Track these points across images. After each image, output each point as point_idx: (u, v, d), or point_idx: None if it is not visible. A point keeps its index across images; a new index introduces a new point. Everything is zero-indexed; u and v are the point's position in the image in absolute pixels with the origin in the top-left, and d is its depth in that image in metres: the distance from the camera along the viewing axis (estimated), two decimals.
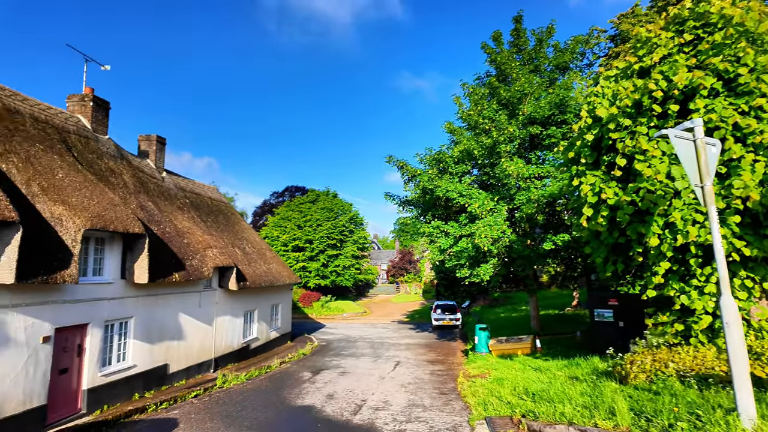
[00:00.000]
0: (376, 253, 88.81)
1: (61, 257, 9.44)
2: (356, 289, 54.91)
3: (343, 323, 32.76)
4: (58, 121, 13.20)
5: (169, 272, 13.08)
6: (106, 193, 11.80)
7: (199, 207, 19.26)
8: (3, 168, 9.71)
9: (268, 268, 20.88)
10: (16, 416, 8.72)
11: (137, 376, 12.27)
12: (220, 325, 16.62)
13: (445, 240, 16.68)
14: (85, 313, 10.62)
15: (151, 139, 18.25)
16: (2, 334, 8.49)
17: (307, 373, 15.18)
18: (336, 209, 46.22)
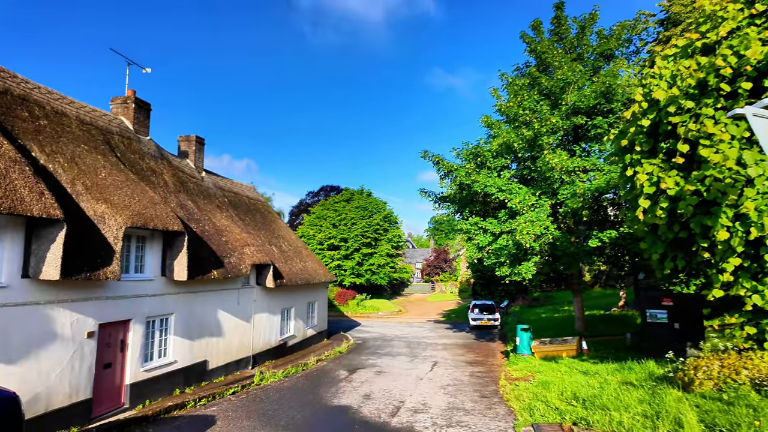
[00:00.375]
0: (410, 252, 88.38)
1: (103, 254, 9.61)
2: (391, 288, 54.72)
3: (379, 322, 32.58)
4: (102, 122, 13.56)
5: (207, 269, 13.20)
6: (146, 191, 12.00)
7: (237, 206, 19.49)
8: (50, 168, 9.98)
9: (304, 266, 20.91)
10: (62, 409, 8.93)
11: (178, 372, 12.44)
12: (258, 322, 16.72)
13: (483, 237, 16.09)
14: (127, 309, 10.81)
15: (191, 140, 18.58)
16: (49, 329, 8.71)
17: (344, 371, 15.01)
18: (370, 208, 46.15)
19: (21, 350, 8.16)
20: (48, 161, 10.06)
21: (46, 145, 10.40)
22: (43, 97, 11.67)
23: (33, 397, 8.35)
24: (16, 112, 10.42)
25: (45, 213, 8.12)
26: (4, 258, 8.00)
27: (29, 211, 7.85)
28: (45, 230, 8.47)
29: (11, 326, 8.00)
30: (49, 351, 8.70)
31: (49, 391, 8.65)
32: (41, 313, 8.57)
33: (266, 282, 16.72)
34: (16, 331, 8.09)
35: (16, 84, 10.98)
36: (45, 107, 11.48)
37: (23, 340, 8.21)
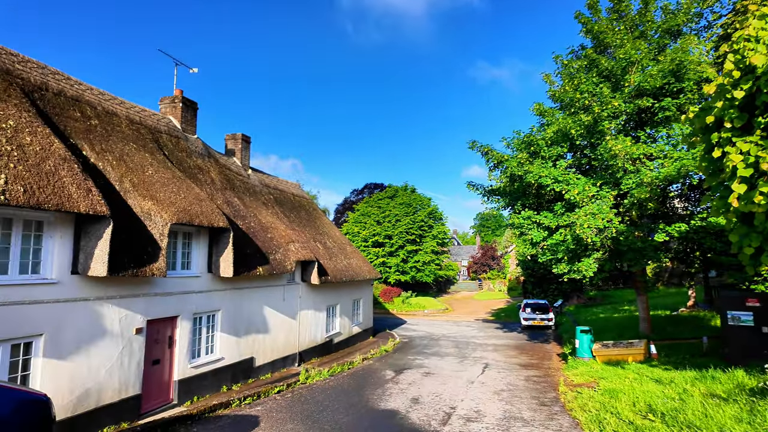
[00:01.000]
0: (456, 249, 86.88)
1: (150, 251, 9.60)
2: (437, 286, 53.80)
3: (425, 320, 31.90)
4: (151, 122, 13.76)
5: (253, 266, 13.09)
6: (192, 188, 12.01)
7: (282, 203, 19.46)
8: (99, 166, 10.11)
9: (349, 262, 20.62)
10: (113, 404, 8.98)
11: (225, 369, 12.40)
12: (304, 319, 16.56)
13: (537, 232, 15.05)
14: (174, 306, 10.82)
15: (237, 138, 18.70)
16: (98, 325, 8.76)
17: (390, 372, 14.51)
18: (414, 204, 45.43)
19: (72, 346, 8.23)
20: (97, 159, 10.19)
21: (96, 143, 10.55)
22: (95, 98, 11.91)
23: (84, 393, 8.41)
24: (69, 112, 10.64)
25: (92, 210, 8.12)
26: (54, 254, 8.08)
27: (76, 207, 7.86)
28: (92, 227, 8.51)
29: (62, 322, 8.07)
30: (98, 347, 8.75)
31: (99, 386, 8.71)
32: (91, 309, 8.63)
33: (311, 279, 16.51)
34: (67, 327, 8.16)
35: (69, 86, 11.24)
36: (96, 107, 11.70)
37: (74, 336, 8.28)
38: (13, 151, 7.53)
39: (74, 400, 8.23)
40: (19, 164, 7.39)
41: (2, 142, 7.49)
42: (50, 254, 8.04)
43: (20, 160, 7.48)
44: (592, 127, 14.56)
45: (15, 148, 7.61)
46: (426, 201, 46.52)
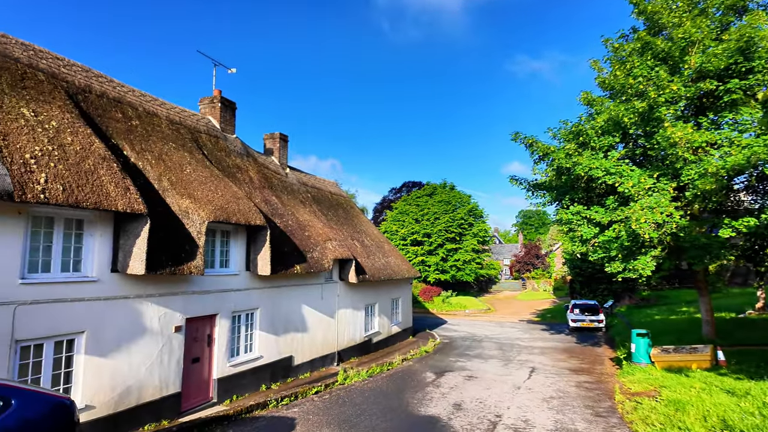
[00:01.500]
0: (497, 248, 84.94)
1: (187, 249, 9.58)
2: (478, 285, 52.59)
3: (466, 320, 31.09)
4: (191, 122, 13.92)
5: (291, 264, 12.96)
6: (230, 187, 11.99)
7: (320, 201, 19.36)
8: (139, 165, 10.22)
9: (387, 261, 20.26)
10: (153, 402, 9.01)
11: (264, 368, 12.33)
12: (342, 318, 16.35)
13: (587, 228, 14.06)
14: (213, 304, 10.81)
15: (275, 137, 18.75)
16: (138, 323, 8.80)
17: (431, 374, 14.01)
18: (453, 202, 44.53)
19: (112, 343, 8.29)
20: (137, 159, 10.31)
21: (136, 143, 10.69)
22: (137, 100, 12.12)
23: (125, 390, 8.47)
24: (111, 113, 10.83)
25: (129, 208, 8.14)
26: (94, 252, 8.16)
27: (114, 205, 7.89)
28: (130, 225, 8.54)
29: (103, 320, 8.14)
30: (138, 344, 8.80)
31: (140, 384, 8.75)
32: (130, 307, 8.68)
33: (349, 277, 16.27)
34: (108, 324, 8.22)
35: (112, 87, 11.47)
36: (137, 108, 11.89)
37: (114, 333, 8.34)
38: (54, 150, 7.63)
39: (116, 398, 8.29)
40: (59, 163, 7.48)
41: (44, 142, 7.61)
42: (90, 252, 8.12)
43: (61, 160, 7.57)
44: (648, 114, 13.42)
45: (56, 147, 7.72)
46: (466, 198, 45.51)
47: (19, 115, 7.77)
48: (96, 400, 7.93)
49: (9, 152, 6.87)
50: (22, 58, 9.26)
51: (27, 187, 6.67)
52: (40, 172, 7.02)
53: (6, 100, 7.87)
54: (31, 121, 7.83)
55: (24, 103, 8.15)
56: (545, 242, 74.15)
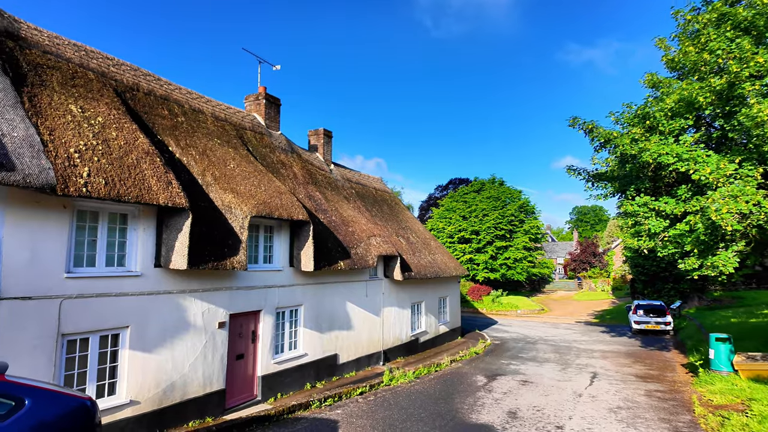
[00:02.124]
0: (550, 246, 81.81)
1: (230, 244, 9.44)
2: (530, 284, 50.58)
3: (518, 320, 29.76)
4: (236, 119, 13.94)
5: (334, 260, 12.64)
6: (273, 182, 11.83)
7: (364, 197, 19.02)
8: (184, 161, 10.21)
9: (433, 258, 19.58)
10: (197, 399, 8.93)
11: (309, 365, 12.09)
12: (388, 316, 15.89)
13: (656, 221, 12.72)
14: (257, 300, 10.66)
15: (319, 133, 18.61)
16: (181, 319, 8.73)
17: (481, 377, 13.23)
18: (503, 197, 42.94)
19: (157, 339, 8.25)
20: (182, 154, 10.32)
21: (181, 139, 10.72)
22: (183, 97, 12.22)
23: (169, 386, 8.41)
24: (157, 110, 10.94)
25: (170, 202, 8.05)
26: (138, 247, 8.14)
27: (156, 199, 7.81)
28: (173, 219, 8.47)
29: (147, 315, 8.11)
30: (183, 340, 8.73)
31: (184, 380, 8.68)
32: (174, 303, 8.62)
33: (394, 274, 15.77)
34: (151, 319, 8.19)
35: (159, 85, 11.60)
36: (184, 105, 11.99)
37: (158, 329, 8.29)
38: (99, 145, 7.65)
39: (160, 393, 8.24)
40: (102, 158, 7.48)
41: (89, 137, 7.65)
42: (134, 247, 8.11)
43: (104, 154, 7.58)
44: (727, 92, 11.92)
45: (100, 142, 7.74)
46: (516, 194, 43.80)
47: (67, 111, 7.86)
48: (141, 395, 7.90)
49: (54, 147, 6.91)
50: (73, 58, 9.45)
51: (70, 180, 6.67)
52: (83, 166, 7.02)
53: (55, 97, 7.99)
54: (77, 117, 7.91)
55: (72, 101, 8.27)
56: (602, 239, 70.32)
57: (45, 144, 6.78)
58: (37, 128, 6.92)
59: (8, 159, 6.01)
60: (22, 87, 7.48)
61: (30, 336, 6.48)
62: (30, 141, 6.54)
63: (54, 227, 6.88)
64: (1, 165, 5.87)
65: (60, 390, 3.79)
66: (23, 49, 8.40)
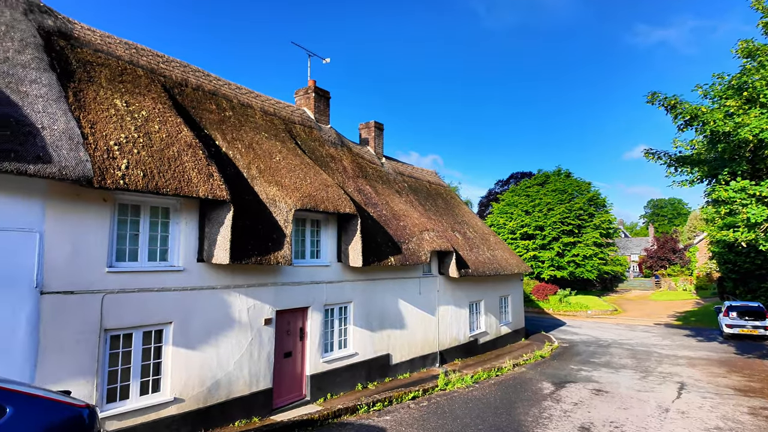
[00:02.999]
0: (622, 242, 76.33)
1: (274, 238, 9.11)
2: (601, 283, 47.13)
3: (588, 322, 27.59)
4: (285, 113, 13.74)
5: (384, 256, 12.03)
6: (320, 174, 11.42)
7: (417, 191, 18.27)
8: (230, 154, 10.04)
9: (493, 255, 18.40)
10: (243, 398, 8.66)
11: (359, 365, 11.57)
12: (444, 316, 15.03)
13: (757, 209, 10.87)
14: (304, 296, 10.29)
15: (370, 126, 18.12)
16: (226, 315, 8.50)
17: (548, 384, 12.02)
18: (570, 190, 40.18)
19: (200, 335, 8.05)
20: (228, 148, 10.15)
21: (227, 133, 10.58)
22: (231, 92, 12.14)
23: (214, 384, 8.19)
24: (205, 105, 10.88)
25: (211, 194, 7.81)
26: (180, 241, 7.97)
27: (195, 192, 7.59)
28: (214, 213, 8.24)
29: (190, 311, 7.92)
30: (227, 337, 8.49)
31: (229, 378, 8.44)
32: (218, 298, 8.40)
33: (449, 271, 14.87)
34: (195, 315, 7.99)
35: (207, 81, 11.58)
36: (232, 100, 11.89)
37: (202, 325, 8.09)
38: (140, 138, 7.54)
39: (205, 392, 8.04)
40: (143, 150, 7.35)
41: (130, 129, 7.56)
42: (176, 241, 7.95)
43: (145, 146, 7.45)
44: None
45: (142, 135, 7.64)
46: (584, 186, 40.82)
47: (111, 105, 7.84)
48: (185, 393, 7.73)
49: (94, 139, 6.84)
50: (123, 55, 9.54)
51: (107, 173, 6.54)
52: (122, 159, 6.90)
53: (101, 92, 8.01)
54: (121, 111, 7.87)
55: (118, 95, 8.27)
56: (683, 234, 64.32)
57: (85, 137, 6.72)
58: (78, 121, 6.88)
59: (45, 151, 5.94)
60: (68, 82, 7.53)
61: (72, 331, 6.42)
62: (69, 134, 6.48)
63: (95, 221, 6.82)
64: (38, 157, 5.80)
65: (52, 397, 3.44)
66: (74, 48, 8.52)
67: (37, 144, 5.95)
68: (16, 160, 5.59)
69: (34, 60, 7.22)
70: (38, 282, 6.10)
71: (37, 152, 5.86)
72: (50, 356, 6.17)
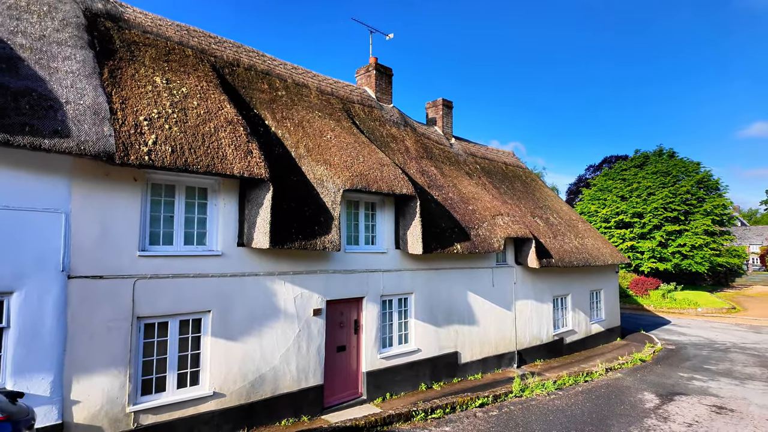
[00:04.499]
0: (739, 231, 66.78)
1: (322, 221, 8.28)
2: (713, 277, 41.15)
3: (698, 321, 23.84)
4: (343, 92, 12.94)
5: (449, 242, 10.75)
6: (375, 153, 10.43)
7: (490, 173, 16.62)
8: (278, 133, 9.40)
9: (582, 243, 16.20)
10: (291, 395, 7.99)
11: (422, 363, 10.47)
12: (522, 311, 13.38)
13: None
14: (358, 286, 9.39)
15: (437, 104, 16.81)
16: (270, 304, 7.85)
17: (650, 395, 9.99)
18: (674, 172, 35.26)
19: (242, 326, 7.47)
20: (278, 127, 9.52)
21: (277, 112, 9.96)
22: (286, 72, 11.56)
23: (258, 378, 7.58)
24: (257, 84, 10.36)
25: (247, 172, 7.13)
26: (219, 224, 7.42)
27: (229, 169, 6.95)
28: (253, 193, 7.58)
29: (231, 299, 7.36)
30: (272, 328, 7.85)
31: (274, 372, 7.80)
32: (261, 286, 7.76)
33: (528, 261, 13.15)
34: (236, 304, 7.42)
35: (261, 61, 11.08)
36: (286, 80, 11.30)
37: (244, 314, 7.50)
38: (174, 113, 7.06)
39: (248, 387, 7.46)
40: (174, 126, 6.84)
41: (165, 105, 7.10)
42: (215, 224, 7.41)
43: (178, 122, 6.95)
44: None
45: (177, 111, 7.15)
46: (692, 166, 35.60)
47: (149, 82, 7.46)
48: (225, 387, 7.20)
49: (123, 115, 6.42)
50: (173, 36, 9.26)
51: (132, 148, 6.07)
52: (150, 134, 6.42)
53: (142, 70, 7.68)
54: (159, 88, 7.46)
55: (160, 74, 7.90)
56: None
57: (113, 112, 6.32)
58: (109, 97, 6.51)
59: (65, 125, 5.57)
60: (107, 60, 7.24)
61: (103, 317, 6.08)
62: (96, 108, 6.10)
63: (126, 202, 6.42)
64: (56, 132, 5.43)
65: None
66: (122, 29, 8.32)
67: (57, 118, 5.59)
68: (30, 134, 5.24)
69: (71, 38, 7.00)
70: (65, 265, 5.79)
71: (55, 126, 5.49)
72: (79, 343, 5.86)
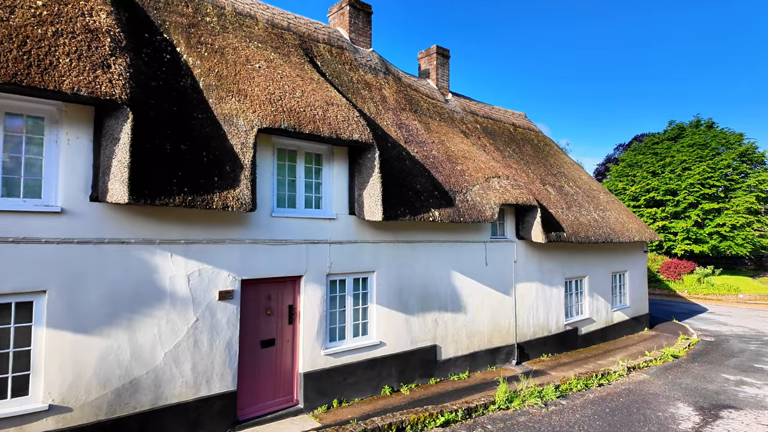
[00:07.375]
0: None
1: (228, 171, 6.04)
2: (756, 261, 37.23)
3: (739, 309, 20.80)
4: (305, 29, 10.56)
5: (424, 208, 8.36)
6: (325, 90, 8.05)
7: (493, 134, 14.04)
8: (184, 58, 7.14)
9: (603, 216, 13.53)
10: (184, 405, 5.86)
11: (387, 360, 8.24)
12: (524, 295, 10.94)
13: None
14: (294, 261, 7.15)
15: (431, 53, 14.26)
16: (144, 283, 5.68)
17: (687, 408, 7.48)
18: (714, 144, 31.52)
19: (100, 313, 5.33)
20: (189, 54, 7.26)
21: (194, 37, 7.68)
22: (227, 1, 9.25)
23: (128, 385, 5.47)
24: (176, 7, 8.09)
25: (93, 91, 4.91)
26: (60, 168, 5.24)
27: (59, 84, 4.74)
28: (108, 125, 5.36)
29: (80, 275, 5.23)
30: (151, 317, 5.70)
31: (156, 377, 5.68)
32: (132, 258, 5.60)
33: (532, 234, 10.64)
34: (89, 282, 5.28)
35: None
36: (224, 7, 9.00)
37: (103, 297, 5.36)
38: None
39: (110, 397, 5.32)
40: None
41: None
42: (53, 168, 5.17)
43: None
44: None
45: None
46: (734, 138, 31.73)
47: None
48: (72, 399, 5.08)
49: None
50: None
51: None
52: None
53: None
54: None
55: None
56: None
57: None
58: None
59: None
60: None
61: None
62: None
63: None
64: None
65: None
66: None
67: None
68: None
69: None
70: None
71: None
72: None
